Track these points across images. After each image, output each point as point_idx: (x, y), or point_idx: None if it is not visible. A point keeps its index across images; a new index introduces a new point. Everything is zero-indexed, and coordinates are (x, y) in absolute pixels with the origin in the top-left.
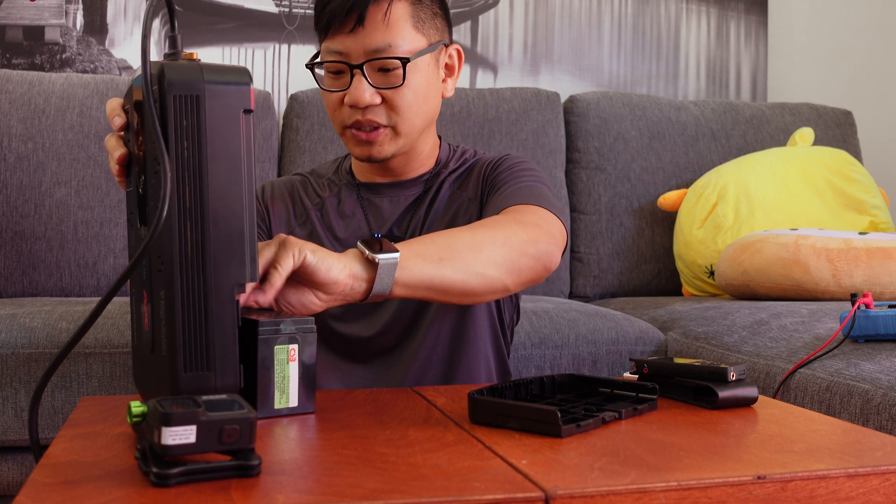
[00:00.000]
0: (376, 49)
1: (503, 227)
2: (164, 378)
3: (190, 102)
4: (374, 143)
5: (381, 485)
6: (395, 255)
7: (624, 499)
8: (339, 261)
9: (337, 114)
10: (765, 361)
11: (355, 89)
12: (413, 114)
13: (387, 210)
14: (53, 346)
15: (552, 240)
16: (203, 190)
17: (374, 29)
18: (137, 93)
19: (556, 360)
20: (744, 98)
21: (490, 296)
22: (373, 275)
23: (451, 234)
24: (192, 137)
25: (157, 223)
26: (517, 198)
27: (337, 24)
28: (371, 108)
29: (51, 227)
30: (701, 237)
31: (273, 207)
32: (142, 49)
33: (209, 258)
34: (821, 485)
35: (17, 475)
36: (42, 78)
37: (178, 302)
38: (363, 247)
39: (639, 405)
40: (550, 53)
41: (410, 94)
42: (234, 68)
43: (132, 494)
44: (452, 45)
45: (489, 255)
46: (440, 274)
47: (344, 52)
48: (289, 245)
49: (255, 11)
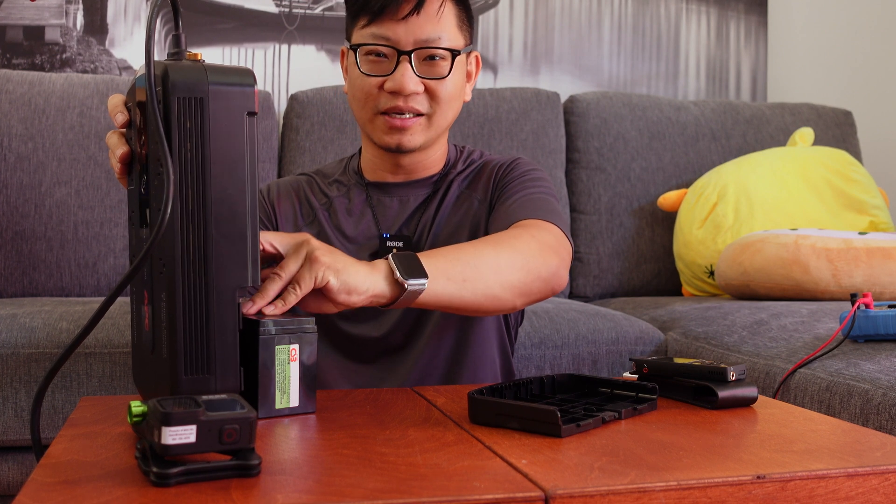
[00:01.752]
0: (427, 38)
1: (524, 248)
2: (165, 379)
3: (194, 105)
4: (407, 131)
5: (381, 485)
6: (423, 283)
7: (624, 498)
8: (364, 283)
9: (372, 99)
10: (765, 361)
11: (401, 75)
12: (448, 107)
13: (396, 210)
14: (53, 346)
15: (562, 262)
16: (206, 192)
17: (427, 19)
18: (140, 93)
19: (556, 360)
20: (744, 98)
21: (496, 313)
22: (397, 293)
23: (475, 252)
24: (195, 139)
25: (159, 225)
26: (530, 211)
27: (392, 9)
28: (412, 96)
29: (51, 227)
30: (701, 237)
31: (279, 207)
32: (146, 50)
33: (211, 261)
34: (820, 484)
35: (17, 475)
36: (42, 78)
37: (180, 304)
38: (396, 265)
39: (639, 405)
40: (550, 53)
41: (451, 87)
42: (238, 70)
43: (132, 494)
44: (473, 52)
45: (508, 279)
46: (459, 295)
47: (393, 37)
48: (315, 266)
49: (255, 11)
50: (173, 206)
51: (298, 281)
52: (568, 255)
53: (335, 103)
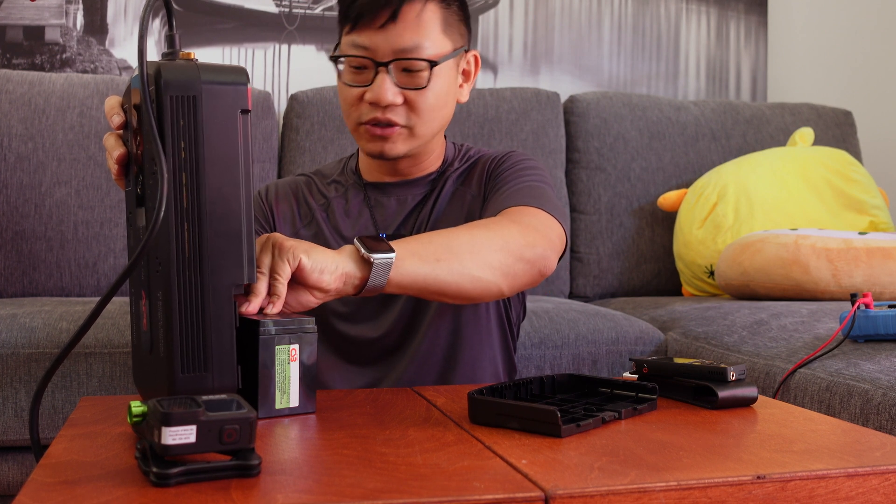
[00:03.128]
0: (405, 48)
1: (501, 230)
2: (163, 378)
3: (187, 103)
4: (388, 140)
5: (381, 485)
6: (390, 256)
7: (624, 498)
8: (333, 261)
9: (354, 109)
10: (765, 361)
11: (379, 87)
12: (431, 117)
13: (394, 210)
14: (53, 346)
15: (550, 245)
16: (200, 190)
17: (405, 27)
18: (136, 94)
19: (556, 360)
20: (744, 98)
21: (483, 298)
22: (367, 273)
23: (449, 234)
24: (189, 138)
25: (153, 224)
26: (518, 199)
27: (367, 18)
28: (391, 108)
29: (51, 227)
30: (701, 237)
31: (277, 208)
32: (139, 49)
33: (206, 259)
34: (820, 484)
35: (17, 475)
36: (42, 78)
37: (176, 302)
38: (359, 244)
39: (638, 405)
40: (550, 53)
41: (432, 97)
42: (231, 68)
43: (132, 494)
44: (471, 52)
45: (486, 259)
46: (434, 275)
47: (371, 47)
48: (282, 250)
49: (255, 11)
50: (168, 204)
51: (277, 270)
52: (559, 240)
53: (335, 103)
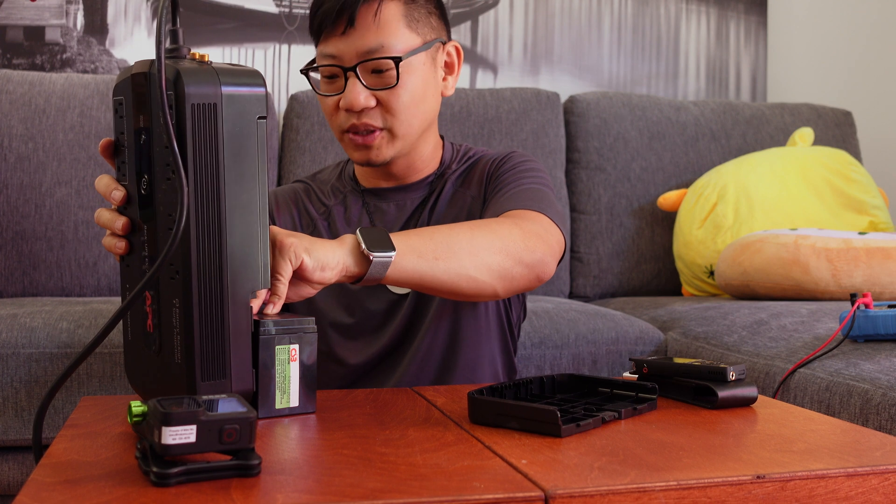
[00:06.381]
0: (368, 50)
1: (502, 232)
2: (176, 382)
3: (207, 111)
4: (372, 147)
5: (381, 485)
6: (389, 255)
7: (623, 498)
8: (334, 256)
9: (334, 118)
10: (764, 361)
11: (349, 92)
12: (410, 115)
13: (393, 215)
14: (54, 346)
15: (549, 250)
16: (220, 200)
17: (365, 30)
18: (138, 85)
19: (556, 360)
20: (743, 98)
21: (478, 298)
22: (365, 269)
23: (450, 232)
24: (209, 146)
25: (174, 236)
26: (519, 201)
27: (329, 27)
28: (366, 112)
29: (51, 227)
30: (701, 237)
31: (278, 217)
32: (156, 57)
33: (226, 267)
34: (820, 484)
35: (17, 475)
36: (42, 78)
37: (196, 311)
38: (361, 238)
39: (638, 405)
40: (550, 53)
41: (406, 94)
42: (248, 72)
43: (132, 494)
44: (451, 43)
45: (484, 260)
46: (431, 273)
47: (337, 55)
48: (283, 249)
49: (255, 12)
50: (187, 213)
51: (278, 270)
52: (558, 245)
53: None
